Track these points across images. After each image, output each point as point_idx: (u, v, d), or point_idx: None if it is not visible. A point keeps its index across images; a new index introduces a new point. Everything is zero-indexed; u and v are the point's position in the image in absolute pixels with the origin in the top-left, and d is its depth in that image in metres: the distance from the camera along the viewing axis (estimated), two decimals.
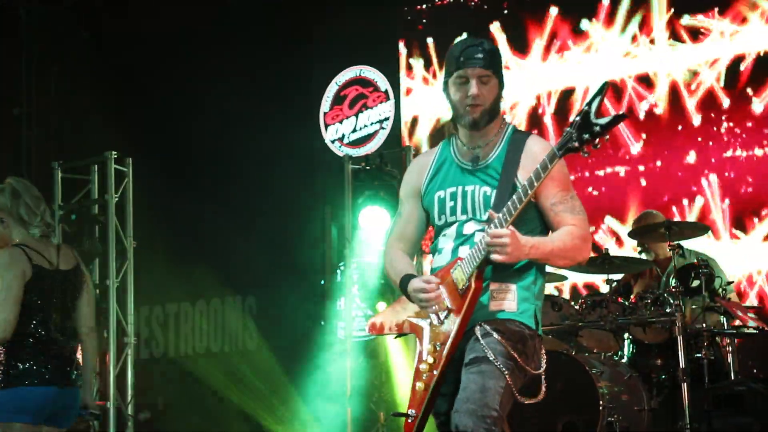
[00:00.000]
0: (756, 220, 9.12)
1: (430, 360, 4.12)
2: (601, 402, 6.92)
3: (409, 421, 4.16)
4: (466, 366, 4.05)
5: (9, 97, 11.78)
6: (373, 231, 9.36)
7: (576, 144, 3.80)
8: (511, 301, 4.13)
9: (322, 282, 9.98)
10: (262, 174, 10.95)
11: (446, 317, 4.12)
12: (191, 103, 11.19)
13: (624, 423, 6.97)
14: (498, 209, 4.02)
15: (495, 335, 4.05)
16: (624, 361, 7.53)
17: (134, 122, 11.26)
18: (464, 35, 4.23)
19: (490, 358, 4.00)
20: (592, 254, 4.52)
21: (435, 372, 4.09)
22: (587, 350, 7.67)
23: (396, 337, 4.45)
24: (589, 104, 3.78)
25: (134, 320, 9.70)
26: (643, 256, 8.21)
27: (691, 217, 9.27)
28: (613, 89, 9.68)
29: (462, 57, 4.17)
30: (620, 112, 3.86)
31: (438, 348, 4.10)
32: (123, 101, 11.50)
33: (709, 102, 9.42)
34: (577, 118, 3.80)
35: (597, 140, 3.78)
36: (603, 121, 3.75)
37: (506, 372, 4.00)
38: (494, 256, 3.94)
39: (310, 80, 11.29)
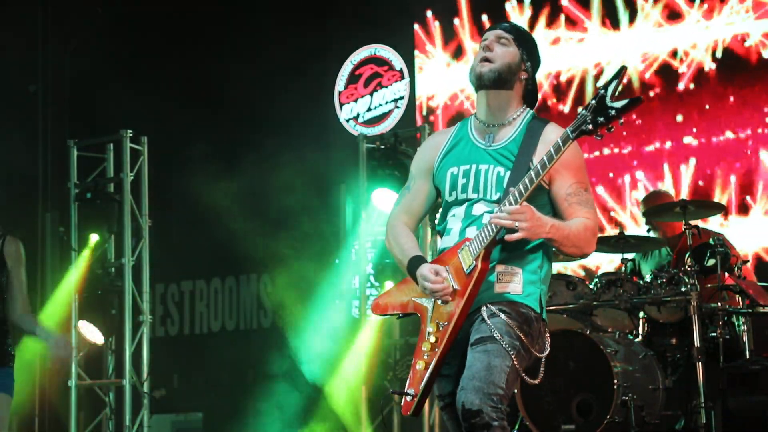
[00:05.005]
0: None
1: (432, 339, 4.11)
2: (615, 381, 6.93)
3: (408, 400, 4.13)
4: (472, 345, 4.05)
5: (25, 73, 11.79)
6: (387, 210, 9.36)
7: (590, 127, 3.80)
8: (516, 284, 4.13)
9: (337, 261, 10.00)
10: (276, 152, 10.94)
11: (451, 297, 4.10)
12: (206, 81, 11.18)
13: (638, 402, 6.98)
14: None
15: (502, 316, 4.05)
16: (638, 340, 7.52)
17: (150, 100, 11.25)
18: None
19: (497, 338, 4.01)
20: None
21: (437, 350, 4.08)
22: (602, 329, 7.66)
23: (399, 318, 4.41)
24: (605, 87, 3.78)
25: (149, 298, 9.72)
26: (651, 234, 8.19)
27: None
28: None
29: (489, 27, 4.33)
30: (636, 96, 3.86)
31: (441, 327, 4.09)
32: (139, 79, 11.49)
33: None
34: (593, 101, 3.80)
35: (611, 124, 3.78)
36: (618, 104, 3.75)
37: (512, 352, 4.00)
38: (516, 235, 3.93)
39: (325, 59, 11.26)
